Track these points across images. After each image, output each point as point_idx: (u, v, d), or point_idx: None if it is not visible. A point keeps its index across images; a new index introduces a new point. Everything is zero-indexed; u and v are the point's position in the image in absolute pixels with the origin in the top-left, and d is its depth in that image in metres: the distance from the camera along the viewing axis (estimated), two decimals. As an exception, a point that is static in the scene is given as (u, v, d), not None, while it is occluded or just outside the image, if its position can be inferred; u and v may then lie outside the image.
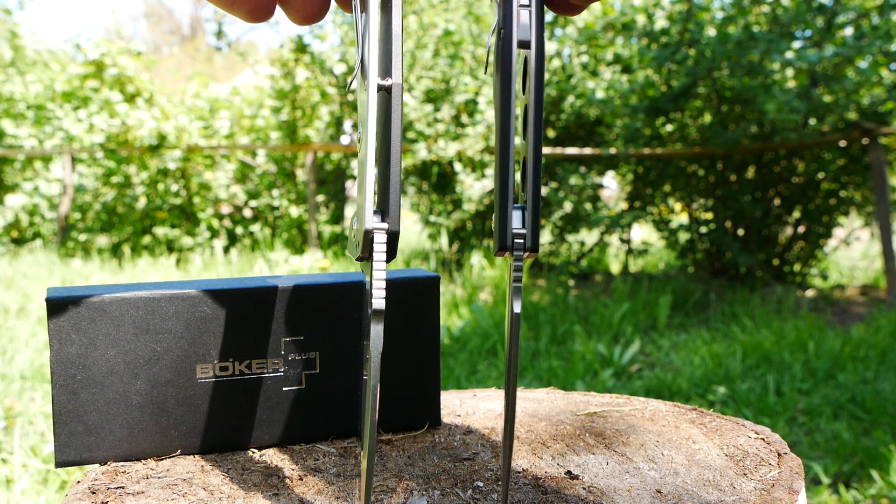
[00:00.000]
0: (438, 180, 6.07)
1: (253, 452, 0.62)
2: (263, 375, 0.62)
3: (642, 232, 8.65)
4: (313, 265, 5.56)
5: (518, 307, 0.46)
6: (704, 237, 5.70)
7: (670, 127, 5.82)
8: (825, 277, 5.71)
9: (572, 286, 5.20)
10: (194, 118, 7.16)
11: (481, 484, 0.55)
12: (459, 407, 0.75)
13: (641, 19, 5.53)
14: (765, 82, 5.06)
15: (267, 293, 0.61)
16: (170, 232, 6.79)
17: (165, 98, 7.43)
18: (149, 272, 5.59)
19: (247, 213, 7.25)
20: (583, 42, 5.89)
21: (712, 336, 3.75)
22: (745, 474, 0.56)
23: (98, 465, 0.58)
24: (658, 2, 5.54)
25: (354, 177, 7.29)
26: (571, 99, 5.94)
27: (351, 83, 0.47)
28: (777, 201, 5.51)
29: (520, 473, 0.57)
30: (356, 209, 0.46)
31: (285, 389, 0.63)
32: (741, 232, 5.56)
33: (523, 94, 0.46)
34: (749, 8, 5.29)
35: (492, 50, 0.49)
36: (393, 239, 0.44)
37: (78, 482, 0.55)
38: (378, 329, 0.44)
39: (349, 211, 7.49)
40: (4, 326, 3.74)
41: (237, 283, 0.62)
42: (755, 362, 3.19)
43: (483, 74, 5.90)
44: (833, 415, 2.64)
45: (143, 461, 0.59)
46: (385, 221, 0.44)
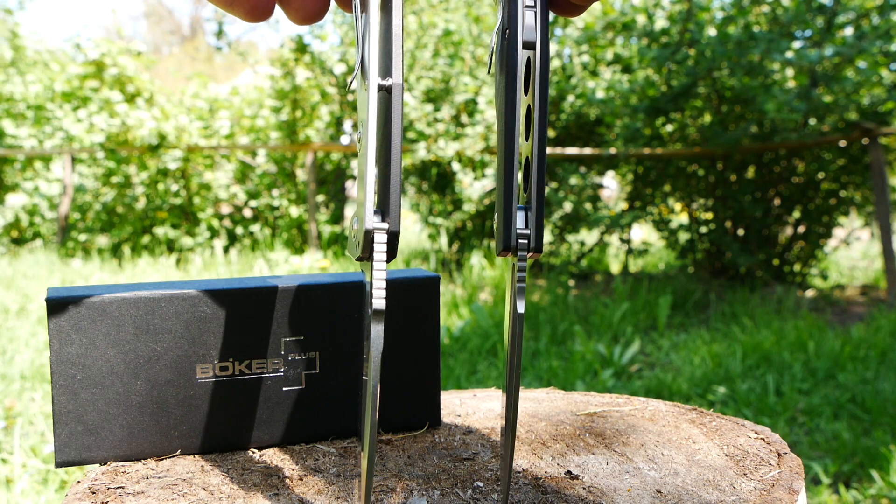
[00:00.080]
0: (438, 180, 6.06)
1: (253, 452, 0.62)
2: (263, 375, 0.62)
3: (642, 232, 8.64)
4: (313, 265, 5.56)
5: (521, 307, 0.46)
6: (704, 237, 5.70)
7: (670, 127, 5.82)
8: (825, 277, 5.71)
9: (572, 286, 5.20)
10: (194, 118, 7.16)
11: (481, 484, 0.55)
12: (459, 407, 0.75)
13: (641, 19, 5.53)
14: (765, 82, 5.05)
15: (267, 293, 0.61)
16: (170, 232, 6.79)
17: (165, 98, 7.43)
18: (149, 272, 5.58)
19: (247, 213, 7.25)
20: (583, 42, 5.89)
21: (712, 336, 3.75)
22: (745, 474, 0.56)
23: (98, 465, 0.58)
24: (658, 2, 5.54)
25: (354, 177, 7.29)
26: (571, 99, 5.93)
27: (351, 83, 0.47)
28: (777, 201, 5.51)
29: (520, 473, 0.57)
30: (356, 209, 0.46)
31: (285, 389, 0.63)
32: (741, 232, 5.56)
33: (525, 95, 0.46)
34: (749, 8, 5.28)
35: (495, 50, 0.49)
36: (393, 239, 0.44)
37: (78, 482, 0.55)
38: (378, 329, 0.44)
39: (349, 211, 7.49)
40: (4, 326, 3.74)
41: (237, 283, 0.62)
42: (755, 362, 3.19)
43: (483, 74, 5.90)
44: (833, 415, 2.64)
45: (143, 461, 0.59)
46: (385, 221, 0.44)
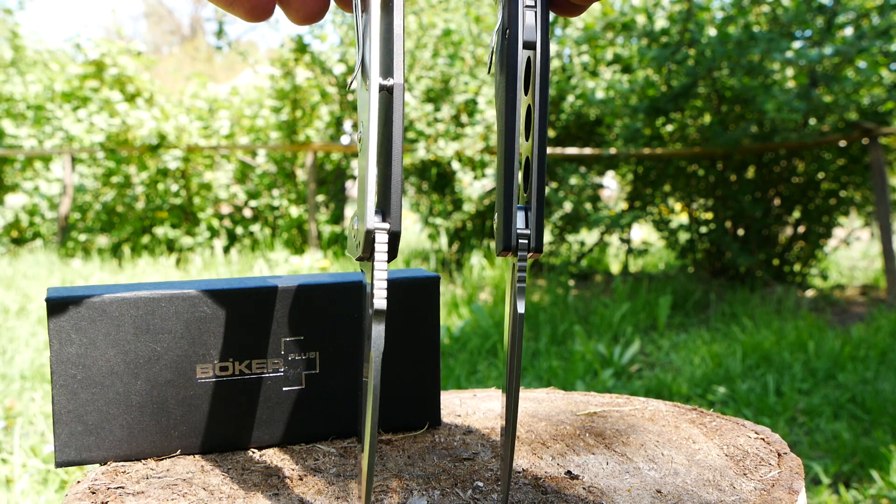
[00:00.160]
0: (438, 180, 6.06)
1: (253, 452, 0.62)
2: (263, 375, 0.62)
3: (642, 232, 8.65)
4: (313, 265, 5.55)
5: (522, 307, 0.46)
6: (704, 237, 5.70)
7: (670, 127, 5.82)
8: (825, 277, 5.71)
9: (572, 286, 5.20)
10: (194, 118, 7.16)
11: (481, 484, 0.55)
12: (459, 407, 0.75)
13: (641, 19, 5.53)
14: (765, 82, 5.05)
15: (267, 293, 0.61)
16: (170, 232, 6.79)
17: (165, 98, 7.43)
18: (149, 272, 5.58)
19: (247, 213, 7.25)
20: (583, 42, 5.89)
21: (712, 336, 3.75)
22: (745, 474, 0.56)
23: (98, 465, 0.58)
24: (658, 2, 5.54)
25: (354, 177, 7.29)
26: (571, 99, 5.93)
27: (351, 83, 0.47)
28: (777, 201, 5.51)
29: (520, 473, 0.57)
30: (357, 209, 0.45)
31: (285, 389, 0.63)
32: (741, 232, 5.56)
33: (525, 95, 0.46)
34: (749, 8, 5.28)
35: (495, 50, 0.49)
36: (394, 239, 0.44)
37: (78, 482, 0.55)
38: (379, 329, 0.44)
39: (349, 211, 7.49)
40: (4, 326, 3.74)
41: (237, 283, 0.62)
42: (755, 362, 3.19)
43: (483, 74, 5.90)
44: (833, 415, 2.64)
45: (143, 461, 0.59)
46: (386, 221, 0.44)
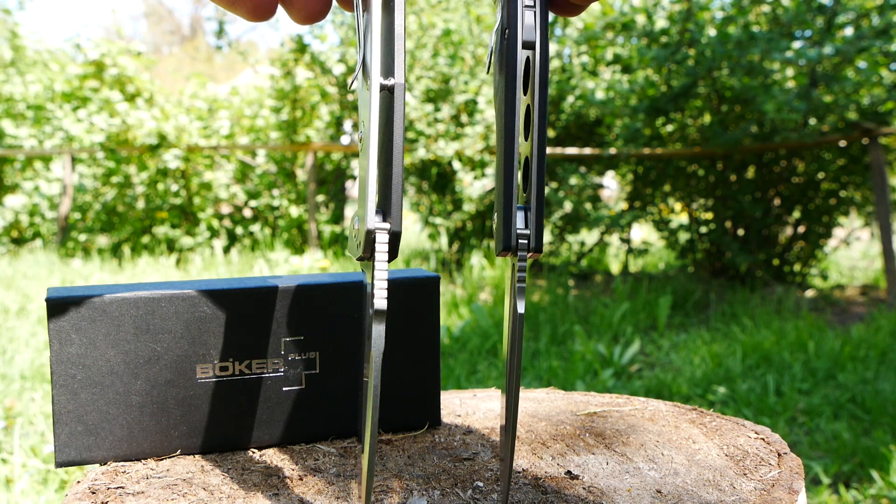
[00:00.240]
0: (438, 180, 6.06)
1: (253, 452, 0.62)
2: (263, 375, 0.62)
3: (642, 232, 8.65)
4: (313, 265, 5.55)
5: (522, 307, 0.46)
6: (704, 237, 5.70)
7: (670, 127, 5.82)
8: (825, 277, 5.71)
9: (572, 286, 5.20)
10: (194, 118, 7.16)
11: (481, 484, 0.55)
12: (459, 407, 0.75)
13: (641, 19, 5.53)
14: (765, 82, 5.05)
15: (267, 293, 0.61)
16: (170, 232, 6.78)
17: (165, 98, 7.43)
18: (149, 272, 5.58)
19: (247, 213, 7.25)
20: (583, 42, 5.89)
21: (712, 336, 3.75)
22: (745, 474, 0.56)
23: (98, 465, 0.58)
24: (658, 2, 5.54)
25: (354, 177, 7.28)
26: (571, 99, 5.93)
27: (352, 83, 0.47)
28: (777, 201, 5.51)
29: (520, 473, 0.57)
30: (357, 209, 0.45)
31: (285, 389, 0.63)
32: (741, 232, 5.56)
33: (525, 95, 0.46)
34: (749, 8, 5.28)
35: (494, 50, 0.49)
36: (395, 239, 0.44)
37: (78, 482, 0.55)
38: (380, 329, 0.44)
39: (349, 211, 7.49)
40: (4, 326, 3.74)
41: (237, 283, 0.62)
42: (755, 362, 3.19)
43: (483, 74, 5.90)
44: (833, 415, 2.64)
45: (143, 461, 0.59)
46: (387, 221, 0.44)
